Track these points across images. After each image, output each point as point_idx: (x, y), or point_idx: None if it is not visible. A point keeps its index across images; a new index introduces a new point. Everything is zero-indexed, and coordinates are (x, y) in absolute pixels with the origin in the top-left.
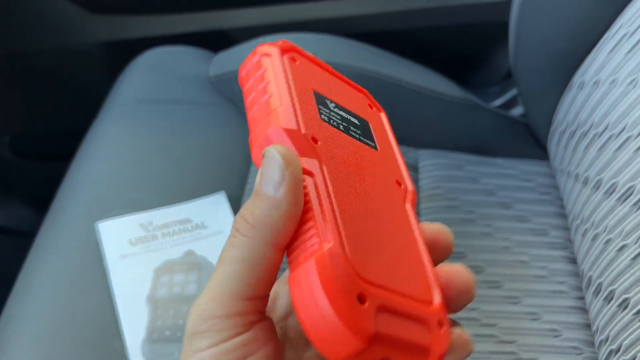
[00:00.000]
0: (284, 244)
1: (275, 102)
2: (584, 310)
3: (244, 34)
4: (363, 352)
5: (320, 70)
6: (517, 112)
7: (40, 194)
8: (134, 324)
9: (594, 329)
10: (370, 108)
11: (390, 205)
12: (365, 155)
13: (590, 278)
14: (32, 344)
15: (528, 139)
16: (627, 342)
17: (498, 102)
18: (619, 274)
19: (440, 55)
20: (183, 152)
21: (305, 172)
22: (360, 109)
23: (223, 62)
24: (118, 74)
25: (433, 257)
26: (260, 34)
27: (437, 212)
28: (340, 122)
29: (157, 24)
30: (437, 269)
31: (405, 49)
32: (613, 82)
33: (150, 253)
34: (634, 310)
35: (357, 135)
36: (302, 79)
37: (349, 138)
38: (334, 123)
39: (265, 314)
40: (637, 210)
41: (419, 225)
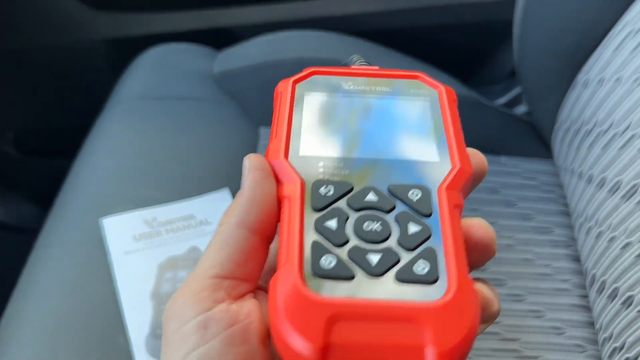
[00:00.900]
0: (255, 227)
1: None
2: (588, 308)
3: (248, 32)
4: None
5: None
6: (521, 110)
7: (44, 191)
8: (138, 320)
9: (598, 327)
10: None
11: None
12: None
13: (594, 276)
14: (36, 340)
15: (532, 137)
16: (631, 339)
17: (502, 100)
18: (623, 272)
19: (445, 53)
20: (187, 148)
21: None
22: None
23: (227, 59)
24: (122, 71)
25: (472, 258)
26: (264, 32)
27: None
28: None
29: (161, 21)
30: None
31: (410, 47)
32: (618, 80)
33: (154, 249)
34: (638, 308)
35: None
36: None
37: None
38: None
39: (245, 298)
40: None
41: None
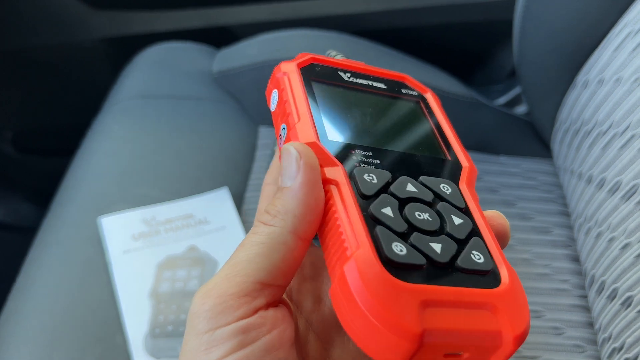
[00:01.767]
0: (305, 234)
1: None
2: (587, 309)
3: (248, 31)
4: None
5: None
6: (520, 110)
7: (43, 190)
8: (137, 319)
9: (597, 327)
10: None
11: None
12: None
13: (594, 276)
14: (34, 338)
15: (531, 137)
16: (630, 339)
17: (502, 100)
18: (623, 272)
19: (445, 53)
20: (186, 147)
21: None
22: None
23: (226, 58)
24: (121, 70)
25: None
26: (264, 31)
27: None
28: None
29: (160, 20)
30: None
31: (410, 47)
32: (617, 80)
33: (153, 248)
34: (637, 309)
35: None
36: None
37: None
38: None
39: (278, 305)
40: None
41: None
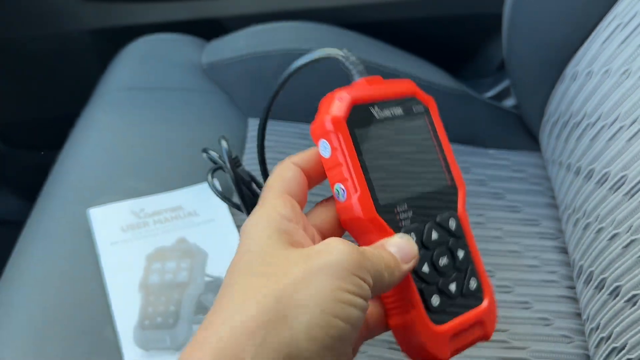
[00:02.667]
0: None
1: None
2: (575, 300)
3: (237, 23)
4: None
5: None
6: (509, 103)
7: (30, 184)
8: (126, 311)
9: (585, 318)
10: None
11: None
12: None
13: (581, 267)
14: (22, 331)
15: (520, 130)
16: (617, 329)
17: (490, 93)
18: (610, 263)
19: (434, 46)
20: (175, 139)
21: None
22: None
23: (215, 50)
24: (110, 62)
25: None
26: (254, 23)
27: None
28: None
29: (149, 12)
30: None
31: (399, 40)
32: (606, 72)
33: (142, 239)
34: (625, 298)
35: None
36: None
37: None
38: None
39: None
40: (629, 200)
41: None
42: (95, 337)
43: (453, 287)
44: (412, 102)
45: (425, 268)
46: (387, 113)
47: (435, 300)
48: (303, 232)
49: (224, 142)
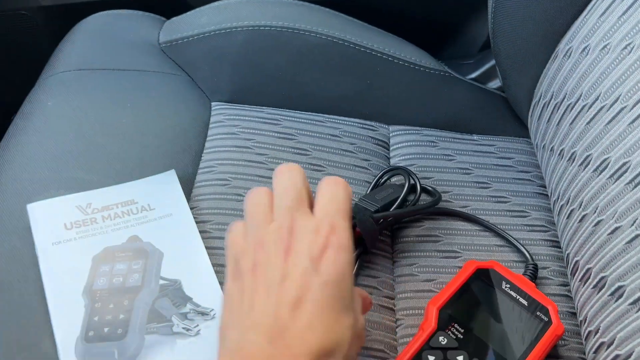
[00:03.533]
0: None
1: None
2: (569, 298)
3: None
4: None
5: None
6: (493, 85)
7: None
8: (68, 321)
9: (581, 319)
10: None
11: None
12: None
13: (577, 263)
14: None
15: (507, 114)
16: (622, 334)
17: (474, 74)
18: (612, 260)
19: (413, 25)
20: (129, 125)
21: None
22: None
23: (174, 27)
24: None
25: None
26: None
27: None
28: None
29: None
30: None
31: (376, 17)
32: (605, 47)
33: (89, 238)
34: (630, 300)
35: None
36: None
37: None
38: None
39: None
40: (632, 189)
41: None
42: (32, 351)
43: None
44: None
45: None
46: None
47: None
48: None
49: None
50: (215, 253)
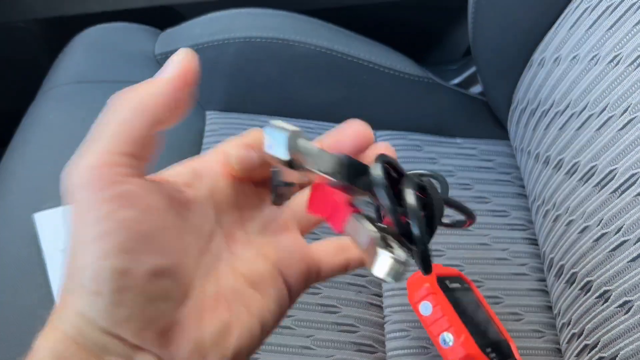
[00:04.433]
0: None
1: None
2: (546, 292)
3: (194, 10)
4: None
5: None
6: (476, 90)
7: None
8: None
9: (556, 312)
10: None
11: None
12: None
13: (552, 260)
14: None
15: (488, 118)
16: (589, 326)
17: (457, 80)
18: (581, 257)
19: (397, 32)
20: None
21: None
22: None
23: (169, 39)
24: (59, 53)
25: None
26: (211, 10)
27: None
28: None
29: None
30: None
31: (362, 25)
32: (574, 58)
33: None
34: (596, 294)
35: None
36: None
37: None
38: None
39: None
40: (599, 191)
41: None
42: None
43: None
44: (459, 280)
45: None
46: (454, 285)
47: None
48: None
49: None
50: None
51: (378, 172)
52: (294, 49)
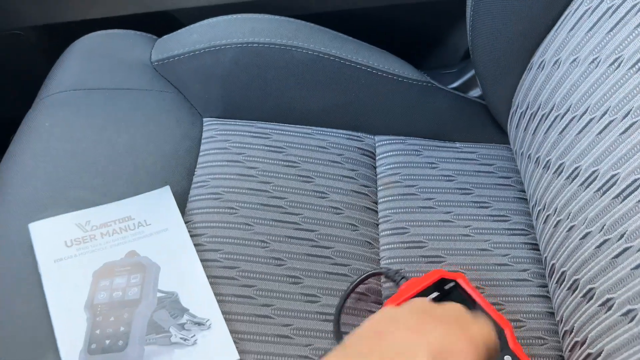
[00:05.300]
0: None
1: None
2: (548, 299)
3: (191, 17)
4: None
5: None
6: (475, 94)
7: None
8: (71, 334)
9: (558, 319)
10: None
11: None
12: None
13: (554, 266)
14: None
15: (487, 122)
16: (593, 334)
17: (456, 84)
18: (583, 263)
19: (395, 36)
20: (124, 144)
21: None
22: None
23: (166, 45)
24: (56, 61)
25: None
26: (208, 16)
27: (395, 200)
28: None
29: (97, 6)
30: None
31: (360, 30)
32: (575, 61)
33: (88, 255)
34: (600, 302)
35: None
36: None
37: None
38: None
39: None
40: (601, 196)
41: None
42: None
43: None
44: (442, 282)
45: None
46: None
47: None
48: None
49: None
50: (210, 265)
51: None
52: (292, 54)
